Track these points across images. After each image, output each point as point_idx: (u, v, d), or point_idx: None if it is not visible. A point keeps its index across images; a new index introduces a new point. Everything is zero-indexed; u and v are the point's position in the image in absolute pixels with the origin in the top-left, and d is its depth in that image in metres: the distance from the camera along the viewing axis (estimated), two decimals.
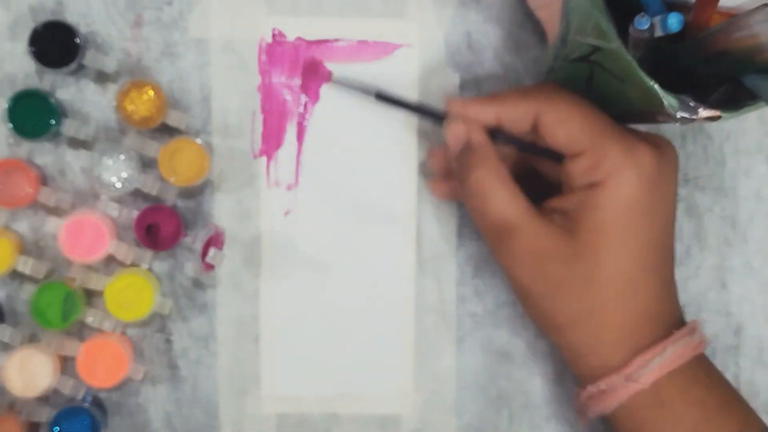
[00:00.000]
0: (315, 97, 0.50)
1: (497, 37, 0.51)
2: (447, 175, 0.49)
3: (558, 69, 0.46)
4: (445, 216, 0.51)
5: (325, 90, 0.50)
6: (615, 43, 0.38)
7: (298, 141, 0.51)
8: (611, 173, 0.42)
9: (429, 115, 0.48)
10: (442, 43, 0.51)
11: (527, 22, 0.51)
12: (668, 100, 0.38)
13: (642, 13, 0.38)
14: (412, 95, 0.50)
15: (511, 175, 0.44)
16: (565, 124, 0.43)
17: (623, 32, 0.39)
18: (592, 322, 0.43)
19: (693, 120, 0.39)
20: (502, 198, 0.43)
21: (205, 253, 0.50)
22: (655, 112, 0.40)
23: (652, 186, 0.42)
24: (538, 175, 0.47)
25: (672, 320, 0.45)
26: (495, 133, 0.45)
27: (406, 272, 0.51)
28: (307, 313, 0.51)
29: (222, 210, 0.50)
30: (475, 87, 0.51)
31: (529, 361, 0.52)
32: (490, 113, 0.44)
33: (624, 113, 0.44)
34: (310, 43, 0.50)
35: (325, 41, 0.50)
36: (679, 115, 0.39)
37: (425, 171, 0.46)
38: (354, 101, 0.50)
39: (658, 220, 0.44)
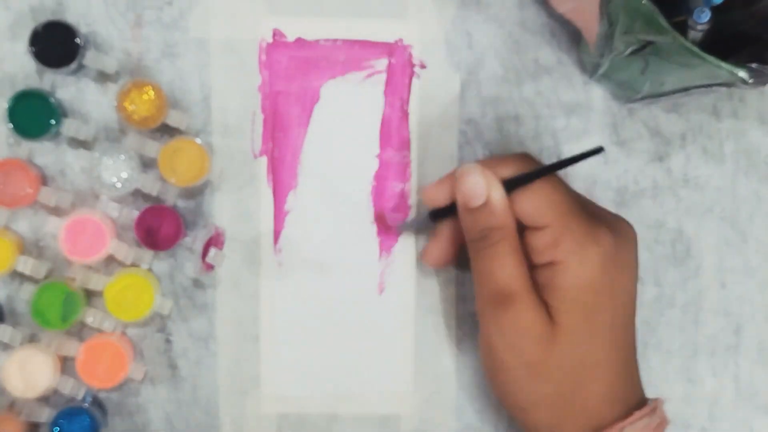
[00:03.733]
0: (315, 97, 0.50)
1: (497, 37, 0.51)
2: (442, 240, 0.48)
3: (610, 66, 0.46)
4: None
5: (326, 90, 0.50)
6: (673, 37, 0.39)
7: (299, 141, 0.51)
8: (573, 252, 0.42)
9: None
10: (442, 43, 0.51)
11: (527, 22, 0.51)
12: (742, 74, 0.39)
13: (702, 8, 0.39)
14: (413, 97, 0.51)
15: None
16: (534, 195, 0.43)
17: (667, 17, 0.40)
18: (557, 405, 0.43)
19: (764, 84, 0.40)
20: (511, 267, 0.43)
21: (205, 253, 0.50)
22: (715, 84, 0.41)
23: (612, 266, 0.42)
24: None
25: (633, 399, 0.44)
26: (511, 182, 0.43)
27: (406, 272, 0.51)
28: (307, 313, 0.51)
29: (222, 210, 0.50)
30: (475, 87, 0.51)
31: None
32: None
33: (679, 91, 0.45)
34: (311, 43, 0.50)
35: (326, 41, 0.50)
36: (751, 81, 0.39)
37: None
38: (353, 100, 0.50)
39: (619, 300, 0.43)
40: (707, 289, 0.52)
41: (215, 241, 0.50)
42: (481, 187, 0.43)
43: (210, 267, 0.50)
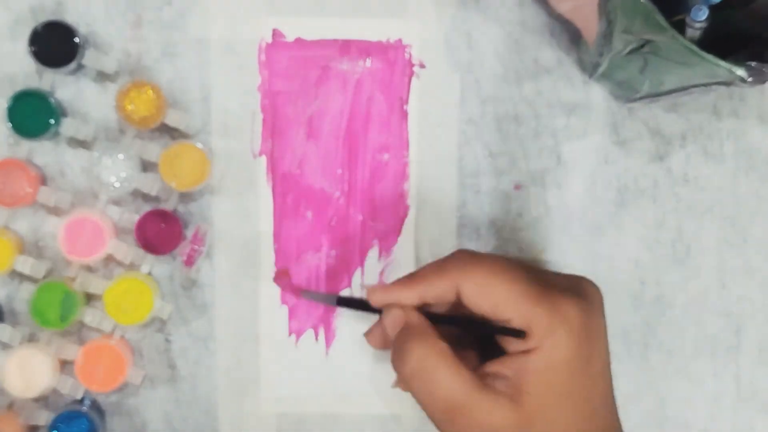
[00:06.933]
0: (314, 97, 0.50)
1: (497, 37, 0.51)
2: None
3: (609, 65, 0.46)
4: (445, 216, 0.51)
5: (325, 90, 0.50)
6: (671, 35, 0.39)
7: (298, 141, 0.51)
8: (542, 337, 0.41)
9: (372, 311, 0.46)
10: (442, 42, 0.51)
11: (527, 21, 0.51)
12: (740, 72, 0.39)
13: (699, 5, 0.40)
14: (412, 97, 0.51)
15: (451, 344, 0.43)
16: (486, 294, 0.42)
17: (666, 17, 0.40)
18: None
19: (763, 83, 0.39)
20: (445, 376, 0.41)
21: (191, 253, 0.50)
22: (714, 83, 0.41)
23: (585, 338, 0.41)
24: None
25: None
26: (434, 317, 0.44)
27: (405, 271, 0.51)
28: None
29: (221, 210, 0.50)
30: (475, 87, 0.51)
31: None
32: (411, 295, 0.44)
33: (679, 90, 0.45)
34: (310, 43, 0.50)
35: (325, 41, 0.50)
36: (750, 79, 0.39)
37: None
38: (353, 100, 0.50)
39: (595, 368, 0.42)
40: (708, 290, 0.52)
41: (195, 239, 0.50)
42: (400, 320, 0.44)
43: (190, 263, 0.50)
